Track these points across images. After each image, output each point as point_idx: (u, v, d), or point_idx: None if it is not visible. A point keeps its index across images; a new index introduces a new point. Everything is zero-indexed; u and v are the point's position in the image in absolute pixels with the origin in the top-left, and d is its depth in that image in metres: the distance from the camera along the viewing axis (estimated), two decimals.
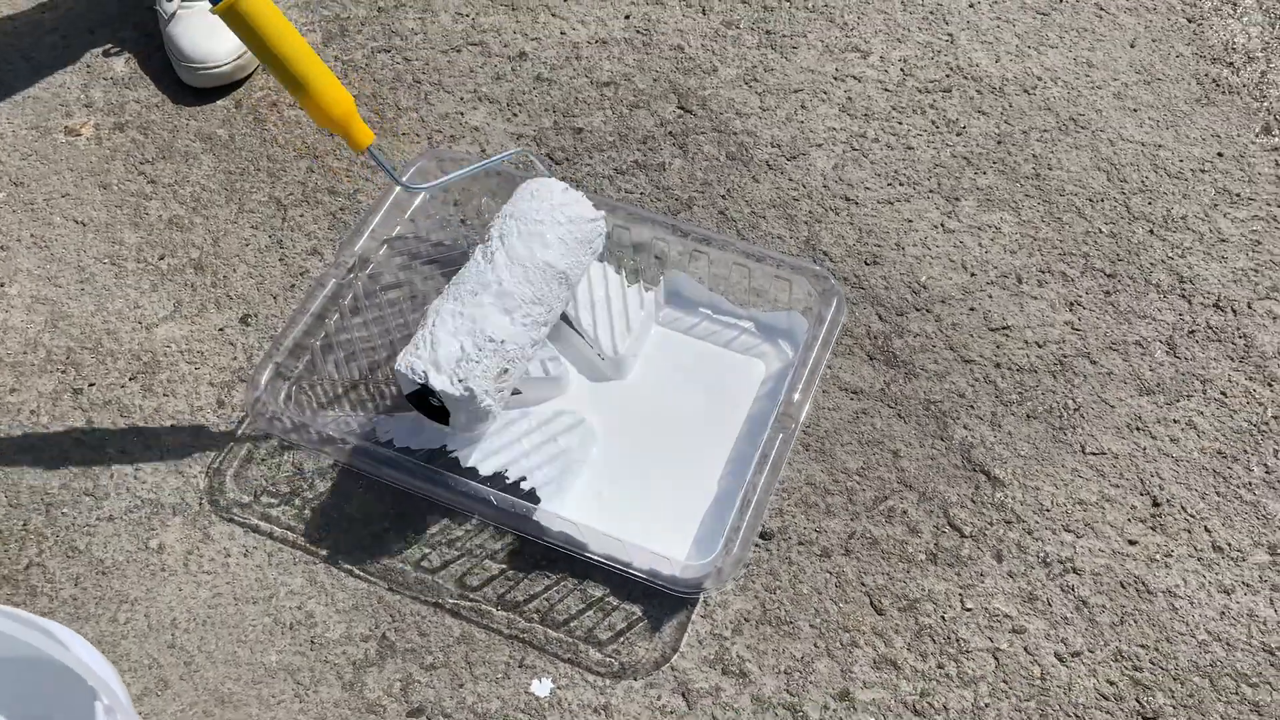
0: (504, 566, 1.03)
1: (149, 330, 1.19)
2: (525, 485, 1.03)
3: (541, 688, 0.97)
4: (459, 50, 1.41)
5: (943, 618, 1.00)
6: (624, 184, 1.28)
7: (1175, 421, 1.10)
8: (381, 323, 1.16)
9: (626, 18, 1.44)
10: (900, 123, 1.33)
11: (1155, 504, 1.05)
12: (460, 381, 0.98)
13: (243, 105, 1.37)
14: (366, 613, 1.01)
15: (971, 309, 1.18)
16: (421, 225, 1.22)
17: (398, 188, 1.09)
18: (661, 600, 1.01)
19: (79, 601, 1.03)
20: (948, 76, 1.37)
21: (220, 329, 1.19)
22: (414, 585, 1.03)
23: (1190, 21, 1.42)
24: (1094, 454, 1.08)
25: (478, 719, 0.96)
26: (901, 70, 1.38)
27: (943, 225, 1.24)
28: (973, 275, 1.21)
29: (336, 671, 0.99)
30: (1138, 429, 1.10)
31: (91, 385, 1.15)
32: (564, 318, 1.14)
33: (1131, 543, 1.03)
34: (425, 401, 1.01)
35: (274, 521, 1.06)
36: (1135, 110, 1.33)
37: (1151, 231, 1.24)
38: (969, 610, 1.00)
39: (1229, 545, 1.03)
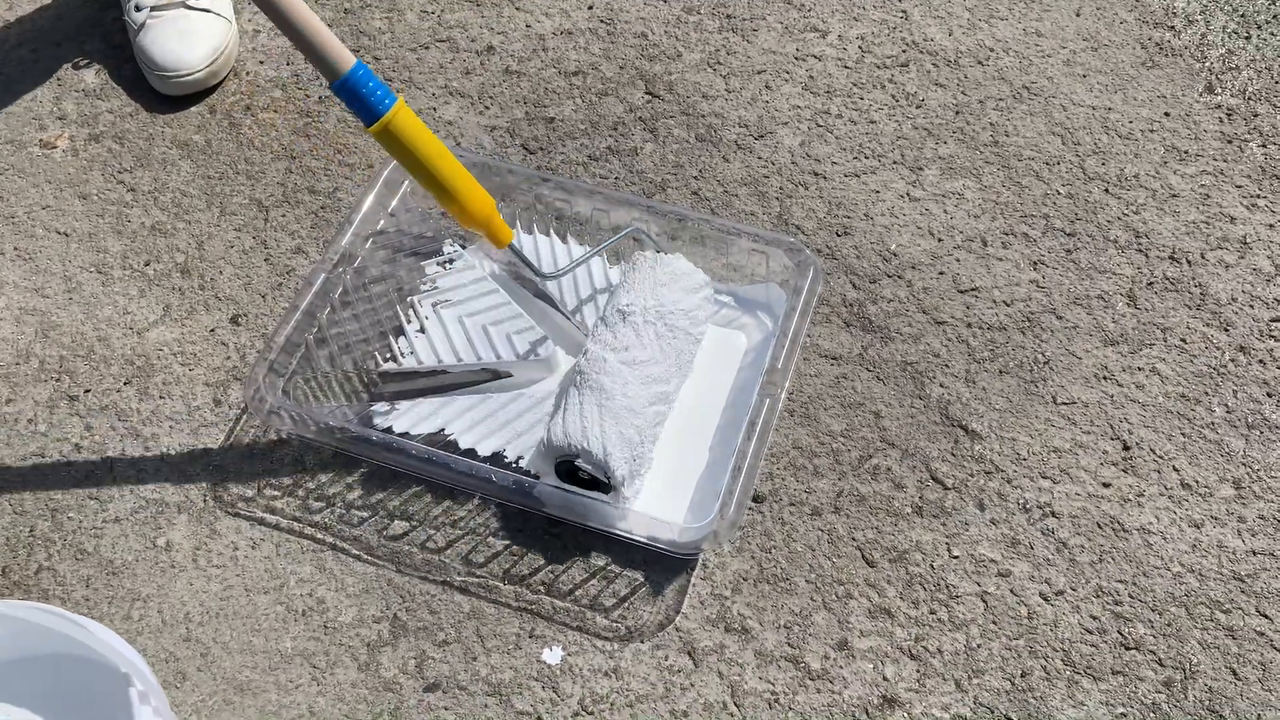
0: (508, 542, 1.06)
1: (140, 335, 1.21)
2: (523, 463, 1.06)
3: (553, 655, 1.00)
4: (427, 47, 1.44)
5: (931, 566, 1.04)
6: (598, 170, 1.32)
7: (1139, 369, 1.16)
8: (371, 315, 1.19)
9: (589, 8, 1.47)
10: (862, 98, 1.37)
11: (1125, 448, 1.11)
12: (631, 475, 1.03)
13: (217, 110, 1.39)
14: (377, 595, 1.04)
15: (941, 273, 1.23)
16: (403, 219, 1.25)
17: (371, 192, 1.12)
18: (662, 566, 1.04)
19: (92, 602, 1.05)
20: (904, 52, 1.42)
21: (211, 330, 1.21)
22: (421, 566, 1.05)
23: None
24: (1065, 404, 1.14)
25: (493, 689, 0.99)
26: (860, 48, 1.42)
27: (908, 194, 1.29)
28: (940, 241, 1.25)
29: (351, 653, 1.01)
30: (1105, 378, 1.15)
31: (87, 392, 1.17)
32: (550, 301, 1.17)
33: (1105, 485, 1.08)
34: (574, 473, 1.04)
35: (279, 513, 1.09)
36: (1085, 76, 1.39)
37: (1107, 191, 1.29)
38: (956, 558, 1.05)
39: (1196, 482, 1.09)
